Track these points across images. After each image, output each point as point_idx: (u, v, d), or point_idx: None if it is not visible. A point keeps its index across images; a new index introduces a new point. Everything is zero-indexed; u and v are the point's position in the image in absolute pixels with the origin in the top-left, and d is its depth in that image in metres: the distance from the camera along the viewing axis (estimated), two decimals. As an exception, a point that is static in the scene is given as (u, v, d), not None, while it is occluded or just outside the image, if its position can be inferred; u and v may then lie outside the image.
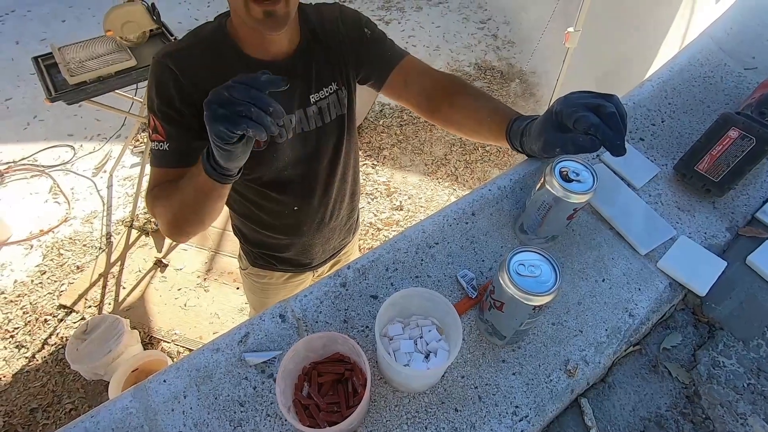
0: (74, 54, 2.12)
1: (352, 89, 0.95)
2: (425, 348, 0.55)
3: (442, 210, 0.71)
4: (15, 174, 2.67)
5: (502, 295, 0.51)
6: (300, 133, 0.88)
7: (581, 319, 0.63)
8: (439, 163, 2.84)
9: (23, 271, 2.26)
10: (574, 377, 0.58)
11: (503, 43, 3.53)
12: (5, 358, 1.96)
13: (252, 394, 0.54)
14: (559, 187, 0.58)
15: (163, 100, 0.75)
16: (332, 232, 1.15)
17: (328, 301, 0.61)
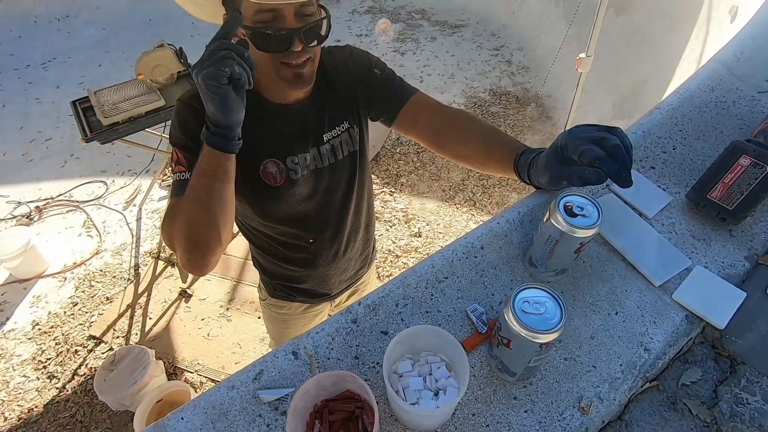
0: (108, 97, 2.27)
1: (364, 126, 0.99)
2: (434, 385, 0.55)
3: (451, 245, 0.73)
4: (52, 209, 2.83)
5: (509, 332, 0.52)
6: (314, 169, 0.93)
7: (594, 354, 0.62)
8: (456, 188, 2.86)
9: (57, 303, 2.36)
10: (588, 415, 0.57)
11: (518, 69, 3.58)
12: (38, 388, 2.03)
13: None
14: (563, 222, 0.59)
15: (186, 134, 0.80)
16: (348, 263, 1.17)
17: (339, 337, 0.63)
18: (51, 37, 4.17)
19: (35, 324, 2.26)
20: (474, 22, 4.08)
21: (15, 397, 2.00)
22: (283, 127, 0.88)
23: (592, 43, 1.92)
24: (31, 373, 2.08)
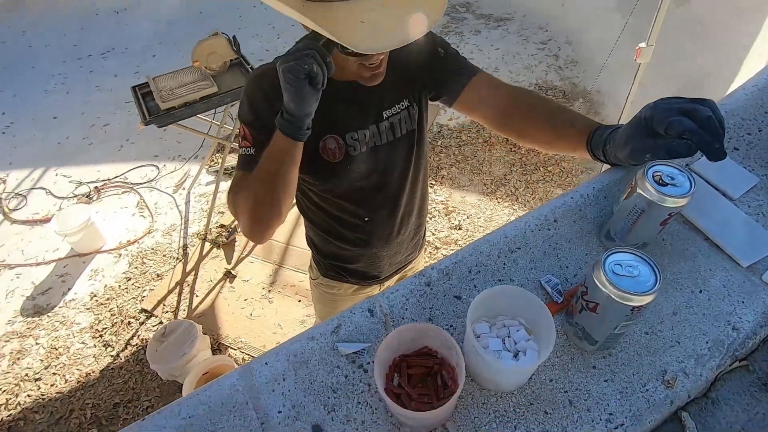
0: (165, 83, 2.37)
1: (423, 106, 0.98)
2: (514, 347, 0.55)
3: (524, 216, 0.72)
4: (109, 190, 2.99)
5: (597, 295, 0.51)
6: (372, 146, 0.94)
7: (678, 330, 0.60)
8: (498, 183, 2.81)
9: (112, 277, 2.50)
10: (673, 388, 0.55)
11: (565, 63, 3.48)
12: (95, 355, 2.16)
13: (344, 382, 0.57)
14: (653, 190, 0.57)
15: (253, 111, 0.84)
16: (400, 246, 1.18)
17: (413, 299, 0.63)
18: (110, 29, 4.40)
19: (93, 296, 2.40)
20: (520, 15, 4.00)
21: (74, 362, 2.13)
22: (344, 103, 0.89)
23: (654, 32, 1.84)
24: (89, 341, 2.21)
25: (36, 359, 2.15)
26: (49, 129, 3.45)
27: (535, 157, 2.91)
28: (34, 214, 2.86)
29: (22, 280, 2.51)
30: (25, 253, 2.64)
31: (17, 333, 2.26)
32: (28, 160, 3.21)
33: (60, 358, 2.15)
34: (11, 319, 2.33)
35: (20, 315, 2.34)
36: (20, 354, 2.17)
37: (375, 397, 0.56)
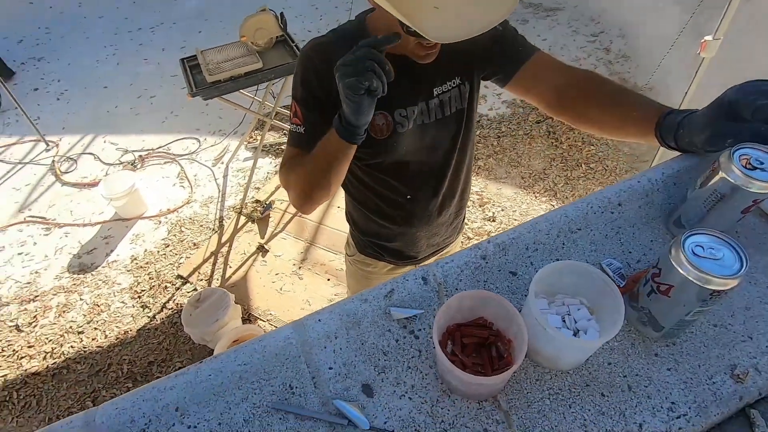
0: (213, 56, 2.41)
1: (475, 85, 0.96)
2: (574, 325, 0.53)
3: (586, 198, 0.69)
4: (153, 160, 3.09)
5: (673, 277, 0.48)
6: (420, 124, 0.92)
7: (750, 325, 0.57)
8: (536, 177, 2.74)
9: (152, 243, 2.59)
10: (743, 383, 0.52)
11: (616, 57, 3.33)
12: (132, 314, 2.26)
13: (395, 346, 0.57)
14: (739, 173, 0.53)
15: (305, 88, 0.84)
16: (439, 228, 1.16)
17: (468, 271, 0.62)
18: (160, 3, 4.51)
19: (133, 259, 2.51)
20: (572, 5, 3.84)
21: (114, 319, 2.24)
22: (395, 78, 0.87)
23: (723, 24, 1.73)
24: (128, 301, 2.31)
25: (80, 314, 2.27)
26: (100, 98, 3.59)
27: (578, 153, 2.81)
28: (83, 178, 2.99)
29: (69, 239, 2.64)
30: (74, 214, 2.77)
31: (64, 288, 2.39)
32: (80, 127, 3.36)
33: (101, 315, 2.26)
34: (59, 274, 2.46)
35: (67, 271, 2.47)
36: (66, 308, 2.30)
37: (426, 363, 0.56)
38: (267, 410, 0.53)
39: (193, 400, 0.53)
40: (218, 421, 0.52)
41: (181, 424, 0.52)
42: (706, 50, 1.76)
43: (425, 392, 0.54)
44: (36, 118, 3.25)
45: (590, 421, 0.51)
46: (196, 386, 0.54)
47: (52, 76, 3.84)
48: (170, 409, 0.53)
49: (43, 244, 2.62)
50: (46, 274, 2.46)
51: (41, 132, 3.16)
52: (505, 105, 3.17)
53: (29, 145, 3.25)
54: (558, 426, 0.51)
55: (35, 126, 3.11)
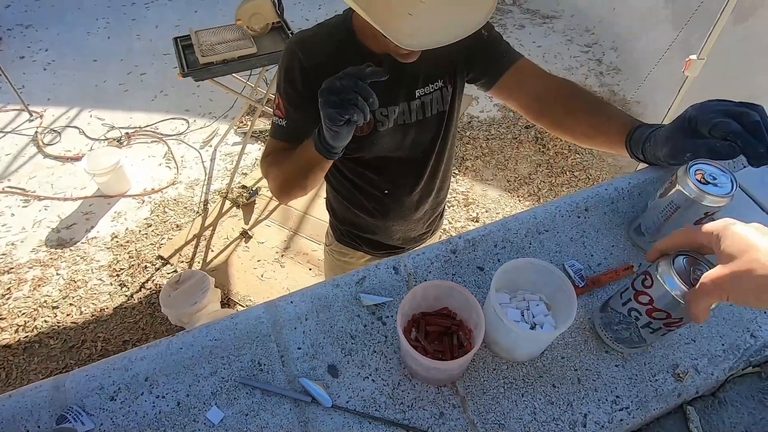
0: (207, 38, 2.39)
1: (458, 88, 0.97)
2: (531, 320, 0.56)
3: (556, 201, 0.72)
4: (139, 138, 3.05)
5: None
6: (402, 123, 0.93)
7: (695, 329, 0.61)
8: (522, 181, 2.79)
9: (134, 222, 2.57)
10: (682, 382, 0.56)
11: (608, 69, 3.40)
12: (110, 292, 2.24)
13: (362, 331, 0.59)
14: (693, 187, 0.57)
15: (288, 82, 0.85)
16: (416, 223, 1.19)
17: (438, 263, 0.65)
18: (157, -21, 4.43)
19: (114, 236, 2.48)
20: (568, 14, 3.90)
21: (91, 296, 2.22)
22: None
23: (708, 45, 1.79)
24: (106, 278, 2.29)
25: (55, 288, 2.25)
26: (88, 71, 3.52)
27: (563, 160, 2.87)
28: (66, 151, 2.94)
29: (49, 212, 2.60)
30: (54, 187, 2.73)
31: (40, 261, 2.36)
32: (66, 99, 3.29)
33: (78, 291, 2.24)
34: (36, 247, 2.42)
35: (44, 245, 2.44)
36: (41, 282, 2.27)
37: (390, 348, 0.59)
38: (235, 385, 0.55)
39: (162, 372, 0.55)
40: (186, 392, 0.54)
41: (149, 393, 0.54)
42: (690, 69, 1.82)
43: (388, 375, 0.57)
44: (20, 87, 3.19)
45: (539, 409, 0.54)
46: (166, 358, 0.56)
47: (39, 45, 3.75)
48: (140, 378, 0.54)
49: (21, 216, 2.58)
50: (22, 247, 2.43)
51: (25, 101, 3.09)
52: (496, 108, 3.21)
53: (12, 114, 3.18)
54: (510, 412, 0.54)
55: (19, 95, 3.04)
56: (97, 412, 0.52)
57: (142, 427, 0.52)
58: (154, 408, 0.53)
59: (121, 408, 0.53)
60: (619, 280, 0.65)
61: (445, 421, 0.53)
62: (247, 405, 0.54)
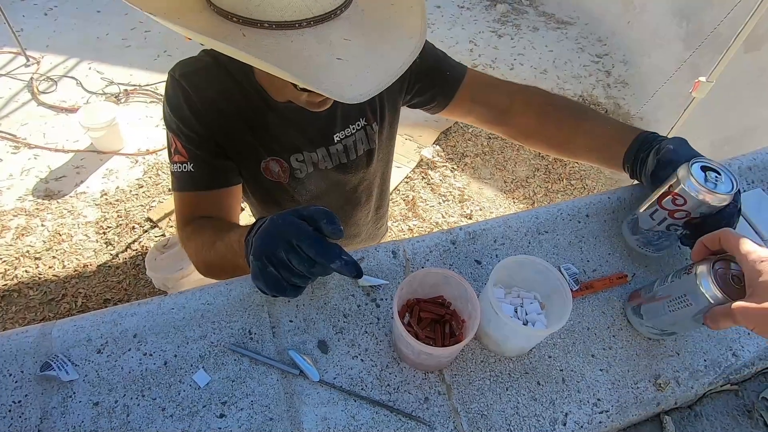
0: (219, 2, 2.33)
1: (386, 122, 0.88)
2: (524, 317, 0.57)
3: (559, 204, 0.73)
4: (138, 96, 2.99)
5: None
6: (323, 169, 0.85)
7: (680, 343, 0.62)
8: (518, 183, 2.80)
9: (125, 181, 2.53)
10: (663, 392, 0.57)
11: (615, 82, 3.40)
12: (95, 249, 2.21)
13: (355, 311, 0.60)
14: (696, 184, 0.55)
15: (180, 120, 0.71)
16: (356, 237, 1.11)
17: (437, 252, 0.65)
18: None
19: (104, 194, 2.44)
20: (583, 22, 3.88)
21: (75, 251, 2.19)
22: (288, 126, 0.78)
23: (718, 69, 1.80)
24: (92, 235, 2.26)
25: (39, 239, 2.21)
26: (91, 21, 3.42)
27: (561, 167, 2.89)
28: (61, 102, 2.87)
29: (38, 161, 2.55)
30: (46, 137, 2.67)
31: (25, 211, 2.31)
32: (65, 48, 3.20)
33: (62, 245, 2.20)
34: (22, 196, 2.37)
35: (31, 194, 2.39)
36: (25, 231, 2.23)
37: (382, 331, 0.59)
38: (223, 350, 0.55)
39: (152, 330, 0.54)
40: (174, 353, 0.54)
41: (137, 350, 0.53)
42: (698, 90, 1.84)
43: (377, 357, 0.57)
44: (19, 30, 3.08)
45: (522, 404, 0.55)
46: (157, 317, 0.55)
47: (42, -12, 3.63)
48: (128, 334, 0.54)
49: (10, 163, 2.52)
50: (8, 194, 2.38)
51: (23, 45, 3.00)
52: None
53: (7, 57, 3.09)
54: (493, 404, 0.55)
55: (17, 37, 2.94)
56: (83, 363, 0.52)
57: (126, 383, 0.51)
58: (140, 365, 0.52)
59: (107, 362, 0.52)
60: (611, 287, 0.66)
61: (430, 407, 0.54)
62: (234, 371, 0.54)
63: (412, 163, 2.78)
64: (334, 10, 0.52)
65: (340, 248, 0.47)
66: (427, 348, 0.49)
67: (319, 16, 0.51)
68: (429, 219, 2.57)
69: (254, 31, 0.50)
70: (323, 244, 0.47)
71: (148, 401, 0.51)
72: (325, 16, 0.51)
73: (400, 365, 0.57)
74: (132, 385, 0.51)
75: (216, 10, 0.52)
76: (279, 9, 0.49)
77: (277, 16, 0.49)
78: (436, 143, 2.94)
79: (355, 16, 0.55)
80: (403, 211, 2.59)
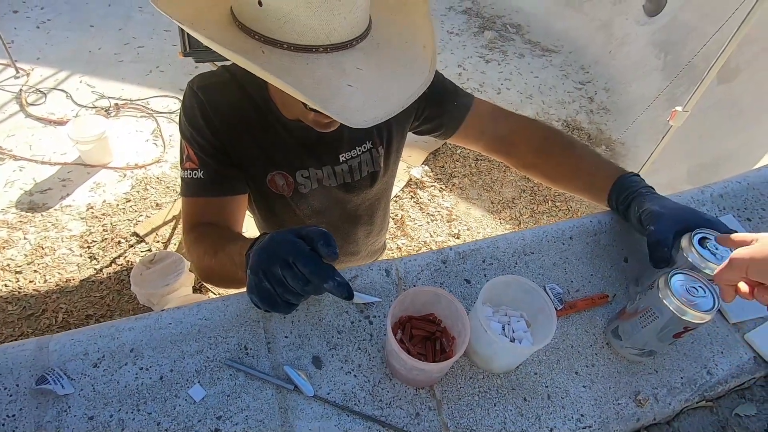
0: (215, 21, 2.38)
1: (392, 147, 0.91)
2: (512, 334, 0.59)
3: (544, 226, 0.76)
4: (129, 111, 2.99)
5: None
6: (327, 186, 0.87)
7: (659, 361, 0.65)
8: (505, 204, 2.87)
9: (112, 195, 2.51)
10: (642, 408, 0.60)
11: (598, 108, 3.54)
12: (78, 264, 2.17)
13: (349, 327, 0.61)
14: (675, 301, 0.54)
15: (195, 129, 0.74)
16: (354, 255, 1.12)
17: (428, 271, 0.68)
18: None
19: (90, 207, 2.42)
20: (567, 51, 4.04)
21: (57, 265, 2.15)
22: (296, 143, 0.80)
23: (693, 99, 1.90)
24: (76, 249, 2.22)
25: (21, 253, 2.17)
26: (84, 35, 3.43)
27: (547, 189, 2.96)
28: (50, 114, 2.85)
29: (24, 174, 2.51)
30: (33, 149, 2.64)
31: (8, 223, 2.27)
32: (56, 60, 3.20)
33: (44, 258, 2.16)
34: (5, 208, 2.33)
35: (15, 207, 2.35)
36: (6, 244, 2.19)
37: (375, 347, 0.60)
38: (219, 365, 0.56)
39: (149, 344, 0.55)
40: (170, 367, 0.55)
41: (133, 365, 0.54)
42: (675, 119, 1.93)
43: (370, 373, 0.58)
44: (10, 42, 3.08)
45: (510, 420, 0.57)
46: (154, 332, 0.56)
47: (35, 1, 3.63)
48: (125, 348, 0.54)
49: (-6, 174, 2.48)
50: (-9, 206, 2.34)
51: (12, 57, 2.99)
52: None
53: (-3, 68, 3.07)
54: (482, 420, 0.57)
55: (7, 49, 2.94)
56: (79, 377, 0.52)
57: (122, 397, 0.52)
58: (136, 379, 0.53)
59: (104, 375, 0.53)
60: (594, 307, 0.69)
61: (420, 422, 0.56)
62: (229, 386, 0.55)
63: (401, 182, 2.82)
64: (350, 41, 0.56)
65: (333, 269, 0.49)
66: (418, 363, 0.51)
67: (336, 44, 0.55)
68: (417, 238, 2.60)
69: (273, 50, 0.54)
70: (318, 264, 0.49)
71: (143, 415, 0.51)
72: (341, 45, 0.55)
73: (392, 381, 0.58)
74: (127, 400, 0.52)
75: (240, 27, 0.55)
76: (299, 33, 0.52)
77: (296, 39, 0.53)
78: (425, 163, 3.00)
79: (370, 48, 0.59)
80: (392, 230, 2.62)
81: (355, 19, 0.55)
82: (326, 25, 0.52)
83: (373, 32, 0.60)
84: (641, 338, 0.60)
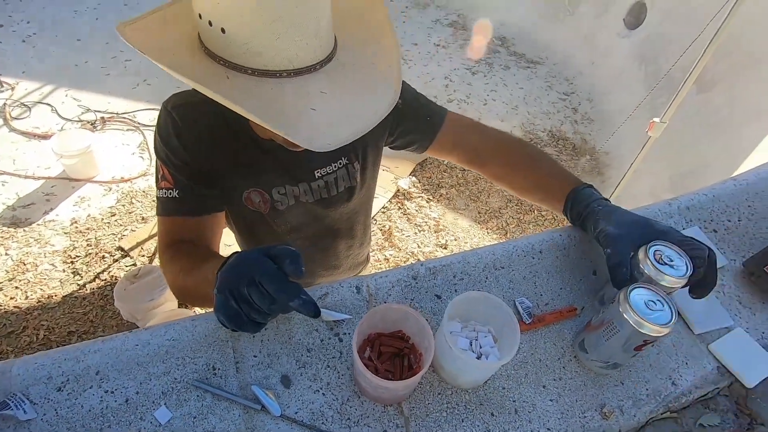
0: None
1: (368, 161, 0.92)
2: (479, 350, 0.60)
3: (513, 240, 0.78)
4: (115, 124, 2.98)
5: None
6: (304, 202, 0.87)
7: (624, 373, 0.66)
8: (492, 214, 2.89)
9: (97, 209, 2.49)
10: (608, 420, 0.61)
11: (582, 119, 3.60)
12: (61, 279, 2.15)
13: (318, 345, 0.62)
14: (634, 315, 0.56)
15: (169, 149, 0.74)
16: (336, 268, 1.12)
17: (399, 287, 0.68)
18: (156, -31, 4.39)
19: (74, 222, 2.40)
20: (551, 62, 4.12)
21: (39, 281, 2.12)
22: (271, 161, 0.81)
23: (670, 111, 1.94)
24: (59, 264, 2.20)
25: (2, 269, 2.14)
26: (70, 50, 3.43)
27: (532, 198, 2.99)
28: (34, 128, 2.84)
29: (6, 188, 2.49)
30: (16, 163, 2.62)
31: (-11, 239, 2.24)
32: (41, 74, 3.19)
33: (26, 274, 2.13)
34: (-14, 223, 2.31)
35: (-4, 222, 2.32)
36: (-13, 260, 2.16)
37: (344, 365, 0.61)
38: (186, 386, 0.56)
39: (115, 367, 0.55)
40: (136, 390, 0.55)
41: (99, 387, 0.54)
42: (653, 130, 1.97)
43: (338, 391, 0.59)
44: (-5, 56, 3.07)
45: (477, 435, 0.58)
46: (120, 354, 0.56)
47: (21, 15, 3.63)
48: (90, 371, 0.54)
49: (-25, 189, 2.46)
50: (-28, 221, 2.31)
51: (-3, 71, 2.98)
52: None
53: (-19, 83, 3.05)
54: (449, 436, 0.57)
55: (-8, 64, 2.93)
56: (42, 402, 0.52)
57: (86, 421, 0.52)
58: (101, 402, 0.53)
59: (67, 399, 0.52)
60: (562, 320, 0.70)
61: (388, 440, 0.56)
62: (196, 407, 0.55)
63: (388, 193, 2.84)
64: (314, 65, 0.57)
65: (299, 287, 0.50)
66: (383, 382, 0.51)
67: (300, 69, 0.56)
68: (405, 249, 2.60)
69: (238, 75, 0.55)
70: (283, 282, 0.49)
71: (107, 439, 0.51)
72: (305, 69, 0.56)
73: (360, 399, 0.59)
74: (91, 424, 0.52)
75: (207, 52, 0.57)
76: (262, 58, 0.54)
77: (259, 64, 0.54)
78: (412, 174, 3.02)
79: (335, 71, 0.60)
80: (380, 241, 2.62)
81: (318, 44, 0.56)
82: (289, 50, 0.54)
83: (339, 54, 0.62)
84: (606, 351, 0.61)
